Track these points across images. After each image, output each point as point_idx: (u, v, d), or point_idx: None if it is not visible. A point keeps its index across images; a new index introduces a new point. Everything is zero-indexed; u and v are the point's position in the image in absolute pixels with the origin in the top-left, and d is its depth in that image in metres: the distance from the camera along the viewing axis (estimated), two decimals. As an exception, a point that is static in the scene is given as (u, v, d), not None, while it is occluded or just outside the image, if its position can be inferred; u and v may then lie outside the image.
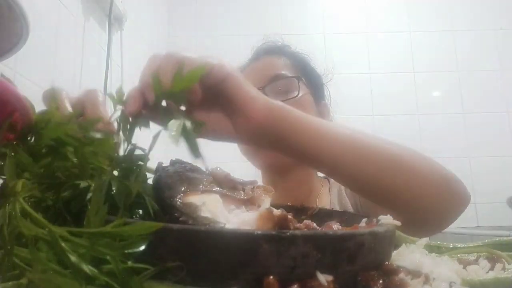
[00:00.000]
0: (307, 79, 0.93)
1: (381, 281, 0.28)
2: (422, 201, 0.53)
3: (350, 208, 0.87)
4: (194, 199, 0.33)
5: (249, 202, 0.38)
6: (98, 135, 0.35)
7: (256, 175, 0.96)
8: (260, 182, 0.50)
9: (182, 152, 0.35)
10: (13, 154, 0.30)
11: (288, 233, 0.26)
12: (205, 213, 0.31)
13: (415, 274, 0.31)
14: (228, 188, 0.38)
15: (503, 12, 2.48)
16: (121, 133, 0.38)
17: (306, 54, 0.99)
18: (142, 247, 0.25)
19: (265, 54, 0.96)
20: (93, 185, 0.31)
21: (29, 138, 0.34)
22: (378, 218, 0.40)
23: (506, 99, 2.38)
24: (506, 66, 2.42)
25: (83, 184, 0.32)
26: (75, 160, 0.33)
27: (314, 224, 0.40)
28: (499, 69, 2.42)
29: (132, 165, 0.35)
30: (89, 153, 0.34)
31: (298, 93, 0.87)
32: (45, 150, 0.34)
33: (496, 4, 2.49)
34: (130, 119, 0.40)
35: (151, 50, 2.11)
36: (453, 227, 0.89)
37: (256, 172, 0.96)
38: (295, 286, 0.26)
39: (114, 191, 0.30)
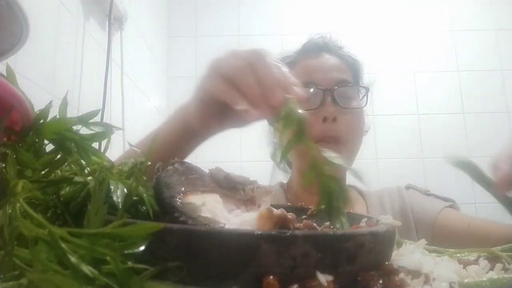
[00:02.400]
0: (361, 88, 0.95)
1: (381, 281, 0.28)
2: None
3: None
4: (194, 199, 0.33)
5: (249, 202, 0.38)
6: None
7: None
8: (260, 182, 0.50)
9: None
10: (14, 156, 0.30)
11: (288, 233, 0.26)
12: (205, 213, 0.31)
13: (415, 274, 0.31)
14: (228, 188, 0.38)
15: (503, 12, 2.48)
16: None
17: (358, 59, 1.00)
18: (142, 248, 0.25)
19: (322, 51, 0.95)
20: (93, 182, 0.31)
21: (30, 134, 0.34)
22: (378, 218, 0.40)
23: (506, 99, 2.38)
24: (506, 66, 2.42)
25: (80, 179, 0.32)
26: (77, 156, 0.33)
27: (314, 224, 0.40)
28: (499, 69, 2.42)
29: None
30: (90, 147, 0.34)
31: (366, 104, 0.92)
32: (47, 145, 0.34)
33: (496, 4, 2.49)
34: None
35: (151, 50, 2.12)
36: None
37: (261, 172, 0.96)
38: (295, 286, 0.26)
39: (113, 190, 0.30)
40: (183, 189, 0.34)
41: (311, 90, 0.86)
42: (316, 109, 0.84)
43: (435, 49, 2.46)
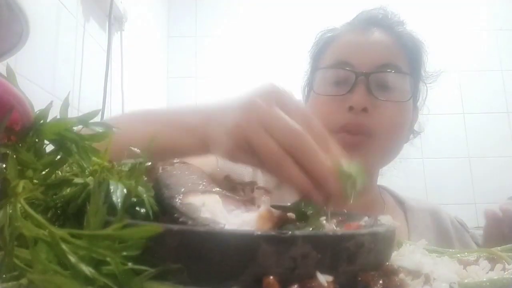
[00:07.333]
0: (416, 77, 0.79)
1: (381, 282, 0.28)
2: None
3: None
4: (194, 199, 0.33)
5: (249, 203, 0.38)
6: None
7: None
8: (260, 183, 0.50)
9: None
10: (14, 156, 0.30)
11: (288, 234, 0.26)
12: (205, 213, 0.31)
13: (415, 274, 0.31)
14: (227, 189, 0.38)
15: (503, 12, 2.48)
16: None
17: (422, 41, 0.83)
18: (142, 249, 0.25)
19: (372, 26, 0.77)
20: (93, 182, 0.31)
21: (30, 134, 0.34)
22: (378, 218, 0.40)
23: (506, 99, 2.39)
24: (506, 66, 2.42)
25: (81, 180, 0.32)
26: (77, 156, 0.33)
27: (314, 225, 0.40)
28: (499, 69, 2.42)
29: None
30: (90, 147, 0.34)
31: (409, 99, 0.76)
32: (47, 146, 0.34)
33: (496, 4, 2.49)
34: None
35: (151, 50, 2.12)
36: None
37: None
38: (295, 286, 0.26)
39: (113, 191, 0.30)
40: (182, 189, 0.34)
41: (342, 71, 0.71)
42: (344, 96, 0.70)
43: (435, 50, 2.46)
